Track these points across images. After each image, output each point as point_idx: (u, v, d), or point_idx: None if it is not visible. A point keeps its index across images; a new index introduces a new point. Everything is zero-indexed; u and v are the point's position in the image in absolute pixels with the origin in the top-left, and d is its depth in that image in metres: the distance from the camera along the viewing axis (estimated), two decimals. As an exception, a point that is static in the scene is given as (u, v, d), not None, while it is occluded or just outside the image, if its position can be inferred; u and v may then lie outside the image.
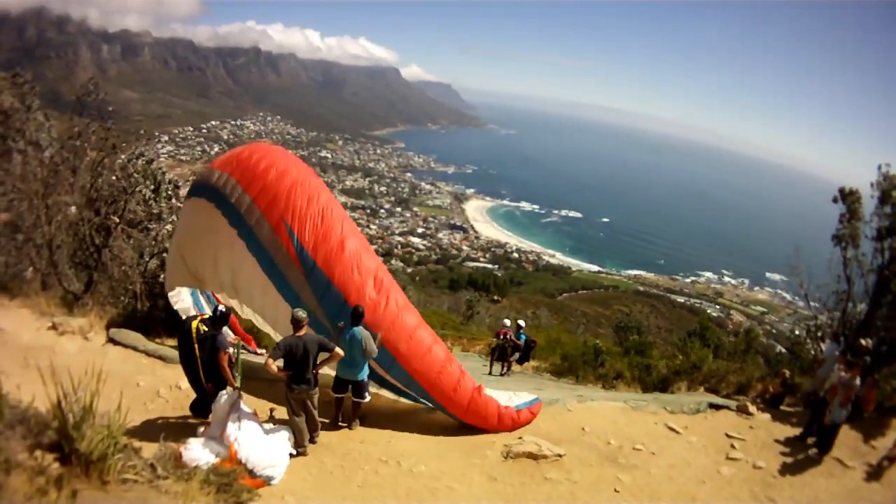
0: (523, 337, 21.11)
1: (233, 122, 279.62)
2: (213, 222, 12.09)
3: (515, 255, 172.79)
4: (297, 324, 9.61)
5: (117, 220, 16.95)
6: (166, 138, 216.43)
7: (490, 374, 20.56)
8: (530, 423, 12.30)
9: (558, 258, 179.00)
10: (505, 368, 21.05)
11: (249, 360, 12.48)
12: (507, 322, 21.47)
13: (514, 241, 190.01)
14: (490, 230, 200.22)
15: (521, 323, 21.94)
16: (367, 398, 11.43)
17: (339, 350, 9.75)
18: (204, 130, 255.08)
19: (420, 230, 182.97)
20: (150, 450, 5.72)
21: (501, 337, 20.92)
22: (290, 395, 9.81)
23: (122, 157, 17.87)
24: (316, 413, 10.13)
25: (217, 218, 12.01)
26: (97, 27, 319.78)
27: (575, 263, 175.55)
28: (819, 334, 17.58)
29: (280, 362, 9.60)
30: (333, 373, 11.25)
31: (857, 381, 11.89)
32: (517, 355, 21.06)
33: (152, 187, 18.60)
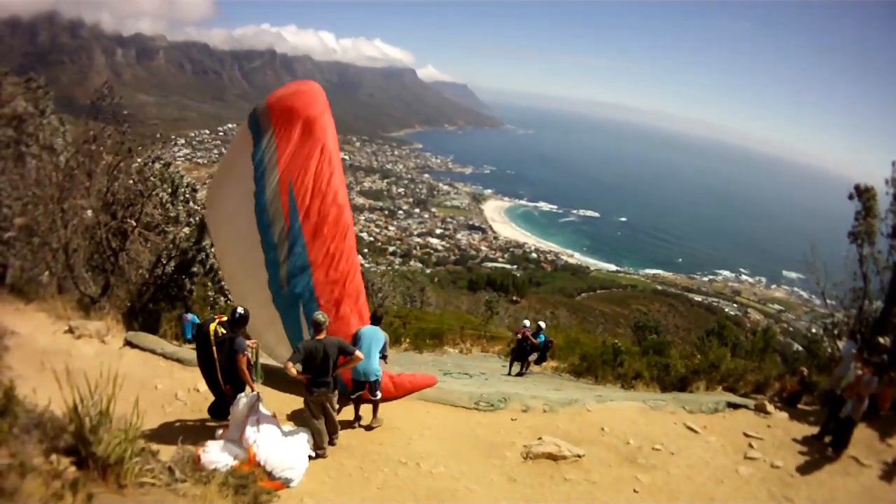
0: (542, 337, 21.01)
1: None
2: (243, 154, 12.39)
3: (534, 255, 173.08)
4: (317, 327, 9.58)
5: (134, 224, 17.00)
6: (182, 141, 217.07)
7: (509, 374, 20.56)
8: (424, 387, 12.59)
9: (576, 258, 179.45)
10: (524, 369, 21.02)
11: (268, 362, 12.44)
12: (527, 323, 21.68)
13: (532, 241, 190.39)
14: (508, 230, 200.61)
15: (542, 324, 21.85)
16: (380, 395, 11.40)
17: (358, 353, 9.74)
18: (220, 133, 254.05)
19: (438, 231, 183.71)
20: (167, 453, 5.75)
21: (520, 337, 20.89)
22: (310, 397, 9.78)
23: (139, 160, 17.91)
24: (335, 415, 10.11)
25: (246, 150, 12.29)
26: (111, 31, 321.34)
27: (593, 263, 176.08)
28: (836, 332, 17.56)
29: (300, 366, 9.53)
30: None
31: (875, 380, 11.84)
32: (535, 356, 21.02)
33: (170, 190, 18.61)
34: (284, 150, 11.81)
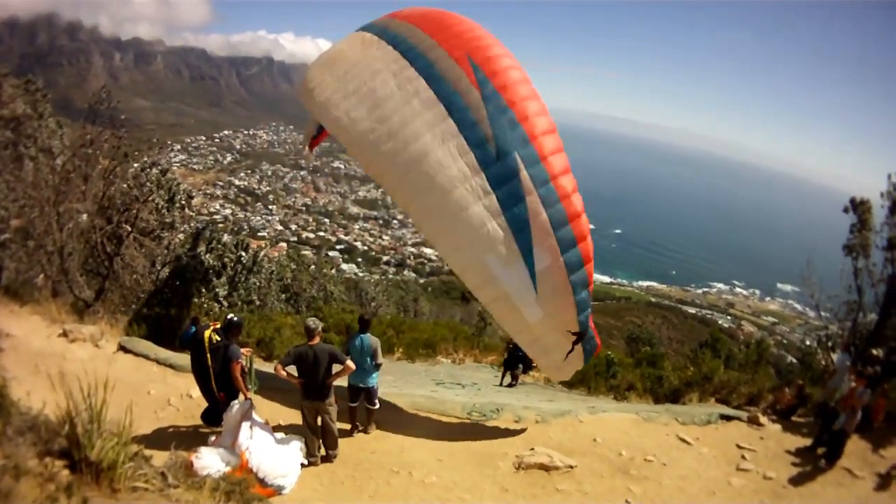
0: None
1: (245, 132, 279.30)
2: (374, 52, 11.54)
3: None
4: (309, 332, 9.65)
5: (129, 229, 17.00)
6: (179, 147, 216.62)
7: (500, 384, 20.54)
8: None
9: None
10: (514, 380, 20.85)
11: (262, 369, 12.44)
12: None
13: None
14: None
15: None
16: (378, 405, 11.48)
17: (350, 363, 9.70)
18: (217, 140, 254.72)
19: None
20: (160, 458, 5.76)
21: (511, 346, 20.72)
22: (303, 403, 9.86)
23: (135, 165, 17.93)
24: (334, 427, 10.10)
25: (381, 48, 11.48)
26: (109, 35, 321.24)
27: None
28: (830, 344, 17.63)
29: (292, 370, 9.63)
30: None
31: (869, 392, 11.90)
32: (521, 367, 20.88)
33: (166, 196, 18.62)
34: (436, 31, 11.17)
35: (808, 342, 24.41)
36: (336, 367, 9.68)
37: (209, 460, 8.34)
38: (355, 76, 11.33)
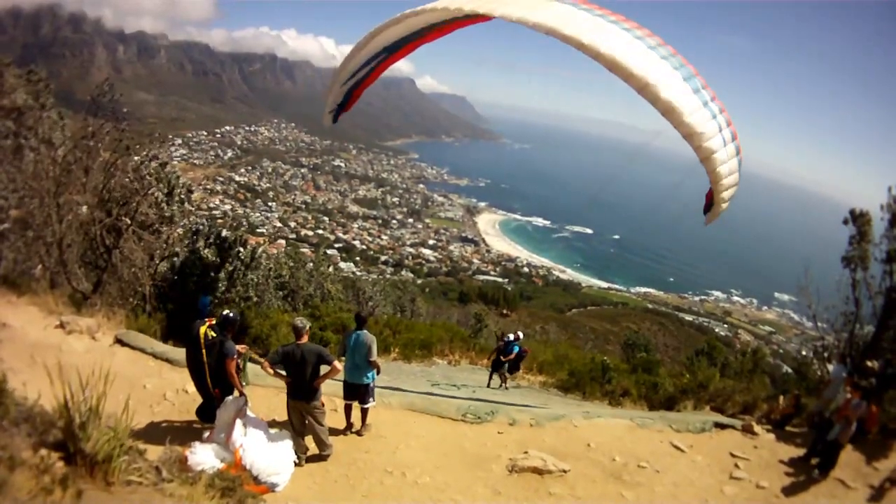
0: (516, 348, 20.90)
1: (247, 128, 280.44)
2: None
3: (526, 269, 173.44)
4: (297, 332, 9.69)
5: (128, 222, 16.97)
6: (180, 142, 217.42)
7: (489, 386, 20.62)
8: None
9: (568, 274, 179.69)
10: (502, 381, 21.02)
11: (256, 367, 12.43)
12: (511, 336, 21.40)
13: (524, 255, 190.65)
14: (501, 244, 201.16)
15: (520, 334, 21.90)
16: (373, 403, 11.49)
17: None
18: (218, 135, 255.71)
19: (431, 242, 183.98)
20: (154, 452, 5.77)
21: (498, 347, 20.99)
22: (289, 402, 9.93)
23: (136, 158, 17.87)
24: (320, 429, 10.08)
25: None
26: (112, 27, 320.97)
27: (584, 279, 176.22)
28: (826, 355, 17.60)
29: (281, 368, 9.67)
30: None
31: (864, 404, 11.90)
32: (506, 367, 21.00)
33: (166, 190, 18.59)
34: None
35: (804, 352, 24.44)
36: (324, 368, 9.69)
37: (203, 456, 8.38)
38: None
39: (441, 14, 12.14)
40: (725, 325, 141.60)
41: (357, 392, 11.22)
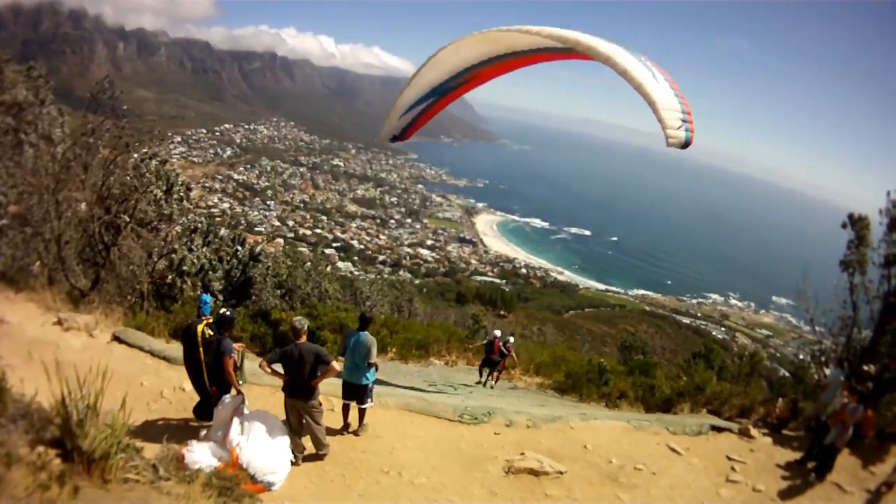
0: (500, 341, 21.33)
1: (246, 126, 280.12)
2: None
3: (523, 270, 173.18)
4: (295, 332, 9.70)
5: (127, 219, 16.96)
6: (179, 139, 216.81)
7: (478, 383, 21.18)
8: None
9: (566, 275, 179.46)
10: (492, 378, 21.54)
11: (254, 365, 12.45)
12: (498, 333, 21.89)
13: (522, 256, 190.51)
14: (499, 245, 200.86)
15: (497, 333, 22.07)
16: (371, 404, 11.47)
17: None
18: (217, 133, 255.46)
19: (429, 242, 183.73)
20: (151, 450, 5.70)
21: (487, 345, 21.48)
22: (286, 401, 9.92)
23: (136, 156, 17.89)
24: (318, 428, 10.08)
25: None
26: (113, 24, 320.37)
27: (582, 281, 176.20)
28: (823, 359, 17.61)
29: (278, 367, 9.68)
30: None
31: (861, 408, 11.91)
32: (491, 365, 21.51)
33: (164, 188, 18.59)
34: None
35: (801, 356, 24.39)
36: (322, 368, 9.68)
37: (200, 454, 8.37)
38: None
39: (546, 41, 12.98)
40: (723, 329, 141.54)
41: (355, 392, 11.20)
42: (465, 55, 14.39)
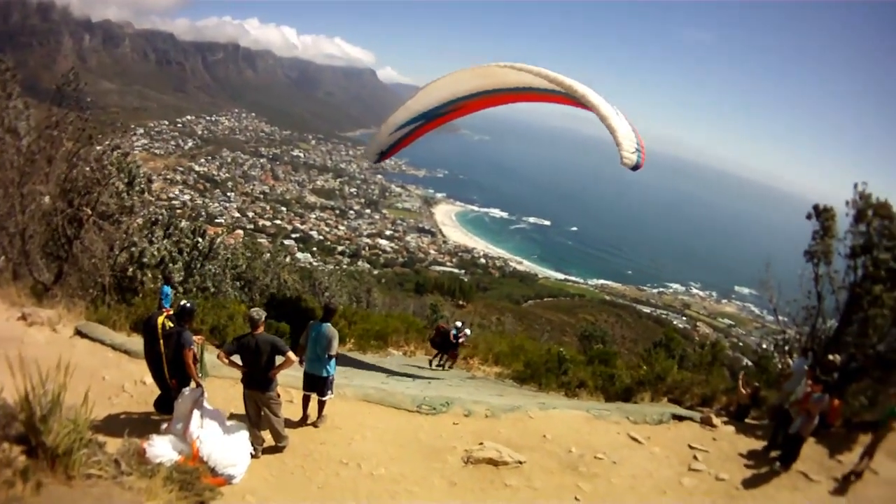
0: (454, 331, 22.56)
1: (208, 118, 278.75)
2: None
3: (482, 260, 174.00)
4: (252, 322, 9.69)
5: (90, 212, 16.91)
6: (141, 131, 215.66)
7: (430, 366, 22.51)
8: None
9: (525, 265, 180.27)
10: (443, 360, 22.87)
11: (214, 358, 12.48)
12: (459, 324, 23.12)
13: (481, 246, 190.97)
14: (458, 235, 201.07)
15: (458, 324, 23.37)
16: (331, 396, 11.54)
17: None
18: (179, 125, 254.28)
19: (388, 232, 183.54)
20: (113, 445, 5.83)
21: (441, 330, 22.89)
22: (244, 392, 9.92)
23: (98, 148, 17.81)
24: (276, 420, 10.10)
25: None
26: (80, 16, 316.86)
27: (541, 271, 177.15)
28: (787, 348, 17.82)
29: (237, 359, 9.67)
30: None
31: (826, 398, 12.04)
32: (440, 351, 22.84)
33: (126, 180, 18.52)
34: None
35: (764, 345, 24.56)
36: (279, 359, 9.73)
37: (161, 448, 8.40)
38: None
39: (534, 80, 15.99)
40: (684, 318, 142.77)
41: (316, 383, 11.28)
42: (459, 87, 16.48)
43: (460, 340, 22.92)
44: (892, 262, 15.12)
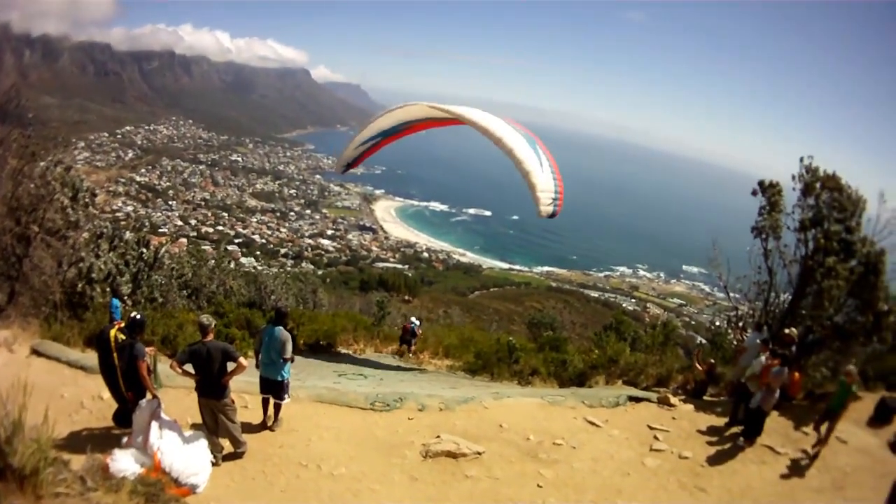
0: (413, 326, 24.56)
1: (146, 127, 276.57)
2: None
3: (425, 254, 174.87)
4: (203, 329, 9.73)
5: (37, 229, 16.80)
6: (83, 145, 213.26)
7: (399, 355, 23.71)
8: None
9: (469, 257, 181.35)
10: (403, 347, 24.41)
11: (168, 368, 12.48)
12: (414, 320, 24.95)
13: (423, 240, 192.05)
14: (399, 230, 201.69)
15: (413, 319, 25.21)
16: (287, 399, 11.56)
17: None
18: (119, 136, 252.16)
19: (330, 232, 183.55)
20: (77, 462, 5.76)
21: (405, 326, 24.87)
22: (199, 400, 9.95)
23: (42, 164, 17.69)
24: (233, 426, 10.14)
25: None
26: (20, 31, 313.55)
27: (485, 261, 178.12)
28: (741, 324, 18.07)
29: (189, 368, 9.68)
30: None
31: (785, 371, 12.21)
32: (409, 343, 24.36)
33: (70, 195, 18.39)
34: None
35: (717, 322, 24.81)
36: (230, 365, 9.74)
37: (124, 462, 8.36)
38: None
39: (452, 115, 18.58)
40: (633, 300, 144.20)
41: (272, 387, 11.32)
42: (410, 112, 19.56)
43: (418, 332, 24.63)
44: (844, 233, 15.38)
